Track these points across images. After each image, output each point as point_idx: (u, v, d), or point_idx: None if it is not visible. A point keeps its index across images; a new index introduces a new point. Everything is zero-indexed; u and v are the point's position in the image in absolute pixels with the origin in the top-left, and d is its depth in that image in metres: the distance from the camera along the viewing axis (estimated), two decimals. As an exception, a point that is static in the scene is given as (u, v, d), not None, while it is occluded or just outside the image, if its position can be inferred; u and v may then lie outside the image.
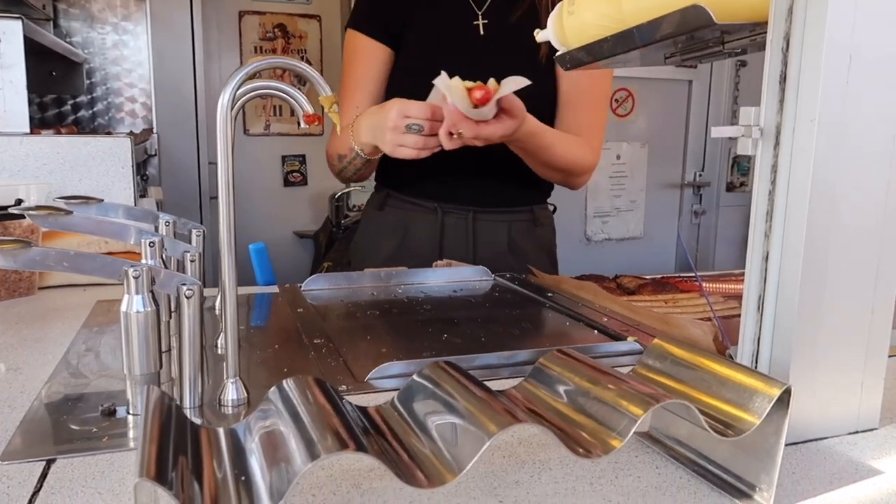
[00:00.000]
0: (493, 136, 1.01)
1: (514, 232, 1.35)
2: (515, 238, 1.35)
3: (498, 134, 1.01)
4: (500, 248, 1.34)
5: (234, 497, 0.34)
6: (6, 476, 0.48)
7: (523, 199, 1.35)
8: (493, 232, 1.34)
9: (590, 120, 1.31)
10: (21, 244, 0.53)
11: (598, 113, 1.34)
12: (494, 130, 1.00)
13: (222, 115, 0.59)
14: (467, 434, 0.39)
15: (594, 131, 1.32)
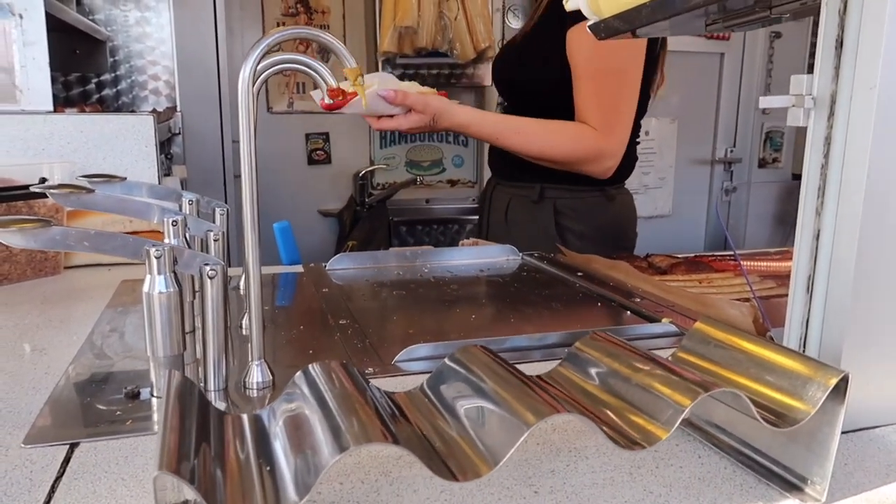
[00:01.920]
0: (394, 128, 1.15)
1: (512, 206, 1.37)
2: (512, 212, 1.37)
3: (403, 127, 1.14)
4: (500, 222, 1.39)
5: (258, 487, 0.32)
6: (29, 460, 0.47)
7: (528, 175, 1.31)
8: (499, 202, 1.40)
9: (593, 99, 1.22)
10: (41, 223, 0.52)
11: (606, 90, 1.23)
12: (396, 124, 1.14)
13: (244, 89, 0.57)
14: (503, 423, 0.37)
15: (602, 111, 1.22)
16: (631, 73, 1.25)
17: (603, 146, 1.23)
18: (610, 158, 1.25)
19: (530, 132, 1.23)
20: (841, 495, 0.44)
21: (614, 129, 1.24)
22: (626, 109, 1.26)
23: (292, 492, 0.31)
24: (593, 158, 1.24)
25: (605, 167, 1.26)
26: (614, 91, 1.24)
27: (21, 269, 0.94)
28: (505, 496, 0.43)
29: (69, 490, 0.43)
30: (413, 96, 1.11)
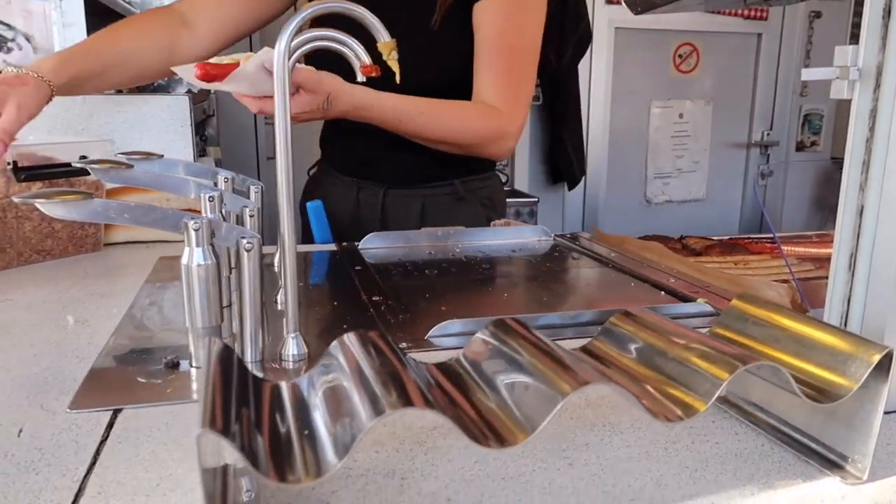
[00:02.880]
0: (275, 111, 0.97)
1: (428, 207, 1.23)
2: (430, 214, 1.23)
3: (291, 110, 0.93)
4: (412, 225, 1.20)
5: (297, 450, 0.32)
6: (75, 424, 0.48)
7: (441, 174, 1.21)
8: (405, 208, 1.23)
9: (502, 77, 1.12)
10: (83, 196, 0.53)
11: (515, 68, 1.13)
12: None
13: (279, 63, 0.57)
14: (539, 393, 0.37)
15: (509, 90, 1.12)
16: (536, 51, 1.17)
17: (507, 127, 1.14)
18: (513, 139, 1.17)
19: (436, 113, 1.09)
20: (884, 474, 0.43)
21: (520, 110, 1.16)
22: (530, 89, 1.20)
23: (332, 455, 0.31)
24: (496, 139, 1.15)
25: (507, 147, 1.18)
26: (523, 68, 1.15)
27: (63, 245, 0.96)
28: (539, 468, 0.43)
29: (113, 453, 0.44)
30: (304, 71, 0.92)
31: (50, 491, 0.40)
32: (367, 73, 0.72)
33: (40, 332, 0.67)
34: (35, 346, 0.63)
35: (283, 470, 0.31)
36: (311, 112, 0.95)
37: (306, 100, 0.93)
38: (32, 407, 0.51)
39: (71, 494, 0.40)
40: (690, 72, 3.16)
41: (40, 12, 1.15)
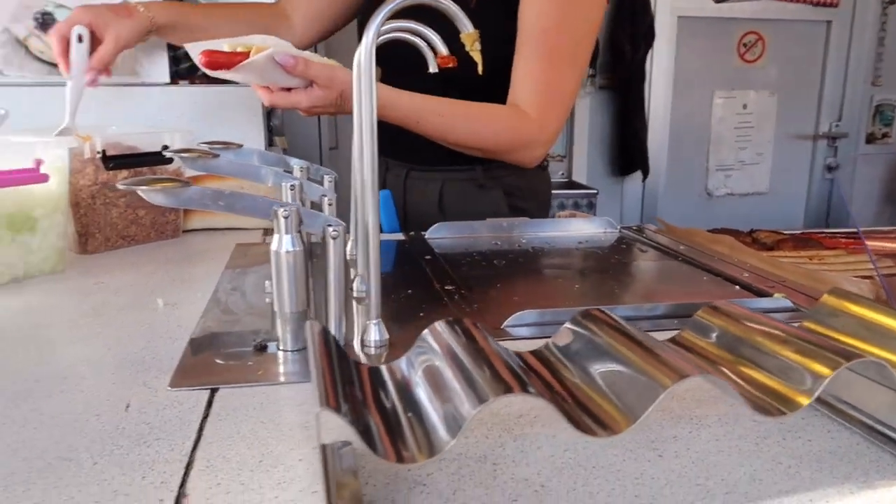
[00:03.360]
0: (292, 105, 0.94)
1: (447, 192, 1.18)
2: (449, 199, 1.18)
3: (303, 104, 0.93)
4: (431, 211, 1.19)
5: (406, 428, 0.33)
6: (177, 401, 0.50)
7: (465, 157, 1.12)
8: (424, 191, 1.20)
9: (539, 78, 1.04)
10: (181, 184, 0.55)
11: (555, 70, 1.04)
12: (294, 99, 0.93)
13: (366, 54, 0.58)
14: (637, 383, 0.37)
15: (545, 94, 1.04)
16: (584, 55, 1.08)
17: (537, 135, 1.06)
18: (542, 147, 1.09)
19: (457, 115, 1.03)
20: None
21: (554, 118, 1.07)
22: (571, 98, 1.10)
23: (444, 433, 0.32)
24: (523, 147, 1.08)
25: (535, 156, 1.11)
26: (564, 73, 1.05)
27: (146, 231, 1.01)
28: (629, 458, 0.43)
29: (216, 429, 0.46)
30: (316, 66, 0.90)
31: (162, 463, 0.42)
32: (444, 63, 0.73)
33: (133, 313, 0.70)
34: (130, 326, 0.66)
35: (398, 449, 0.32)
36: (323, 107, 0.94)
37: (319, 95, 0.92)
38: (136, 384, 0.53)
39: (181, 467, 0.42)
40: (755, 61, 3.07)
41: (122, 7, 1.19)
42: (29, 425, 0.47)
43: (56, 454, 0.43)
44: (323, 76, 0.90)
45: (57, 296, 0.76)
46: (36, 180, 0.79)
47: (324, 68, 0.91)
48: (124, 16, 0.97)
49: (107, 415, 0.48)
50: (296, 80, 0.91)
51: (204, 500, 0.39)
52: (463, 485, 0.40)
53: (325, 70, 0.91)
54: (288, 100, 0.93)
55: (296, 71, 0.88)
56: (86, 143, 0.91)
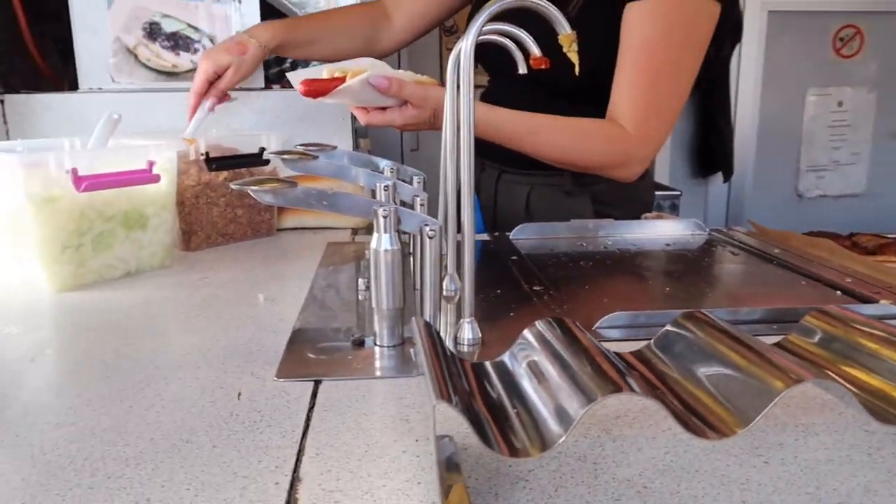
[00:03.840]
0: (387, 124, 0.97)
1: (534, 197, 1.18)
2: (536, 204, 1.18)
3: (397, 123, 0.97)
4: (518, 214, 1.19)
5: (516, 421, 0.34)
6: (284, 391, 0.53)
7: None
8: (513, 194, 1.21)
9: (640, 95, 1.00)
10: (288, 184, 0.58)
11: (658, 86, 1.01)
12: (388, 118, 0.97)
13: (465, 56, 0.59)
14: (748, 387, 0.36)
15: (645, 111, 1.01)
16: (690, 70, 1.03)
17: (634, 152, 1.03)
18: (640, 164, 1.07)
19: (551, 132, 1.01)
20: None
21: (654, 135, 1.04)
22: (674, 114, 1.06)
23: (555, 426, 0.33)
24: (620, 165, 1.06)
25: (632, 173, 1.08)
26: (667, 88, 1.02)
27: (243, 229, 1.05)
28: (733, 463, 0.43)
29: (322, 419, 0.49)
30: (410, 86, 0.93)
31: (275, 449, 0.45)
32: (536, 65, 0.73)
33: (237, 307, 0.74)
34: (235, 319, 0.70)
35: (510, 443, 0.32)
36: (416, 124, 0.98)
37: (412, 113, 0.95)
38: (245, 374, 0.56)
39: (293, 453, 0.44)
40: (852, 56, 2.91)
41: (222, 15, 1.25)
42: (153, 409, 0.50)
43: (179, 437, 0.46)
44: (416, 96, 0.94)
45: (167, 289, 0.81)
46: (149, 181, 0.85)
47: (417, 88, 0.94)
48: (240, 53, 1.07)
49: (221, 401, 0.52)
50: (390, 100, 0.95)
51: (316, 486, 0.41)
52: (564, 482, 0.41)
53: (419, 90, 0.94)
54: (383, 118, 0.97)
55: (390, 92, 0.92)
56: (191, 145, 0.97)
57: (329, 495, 0.39)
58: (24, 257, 0.82)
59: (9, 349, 0.63)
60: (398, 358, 0.60)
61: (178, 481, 0.41)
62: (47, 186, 0.77)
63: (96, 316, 0.72)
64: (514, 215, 1.20)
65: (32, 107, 1.23)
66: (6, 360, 0.60)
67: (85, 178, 0.79)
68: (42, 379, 0.56)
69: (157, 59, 1.26)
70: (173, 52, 1.26)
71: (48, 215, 0.78)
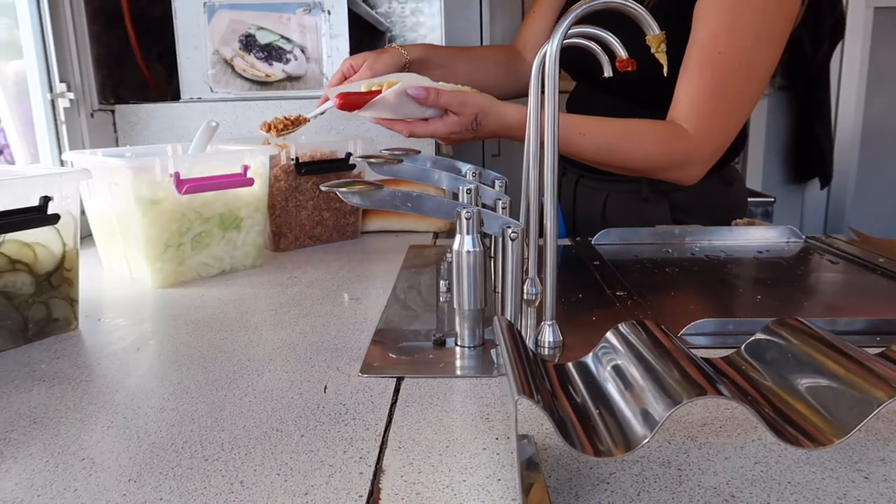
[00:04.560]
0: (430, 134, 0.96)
1: (612, 204, 1.16)
2: (613, 211, 1.16)
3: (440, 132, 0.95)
4: (595, 219, 1.16)
5: (599, 422, 0.34)
6: (368, 387, 0.55)
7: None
8: (591, 200, 1.19)
9: (702, 94, 0.95)
10: (375, 187, 0.60)
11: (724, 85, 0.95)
12: (432, 129, 0.94)
13: (552, 59, 0.59)
14: (845, 396, 0.35)
15: (707, 111, 0.95)
16: (762, 68, 0.96)
17: (693, 154, 0.98)
18: (699, 167, 1.00)
19: (602, 134, 0.97)
20: None
21: (716, 137, 0.98)
22: (742, 113, 1.00)
23: (640, 428, 0.32)
24: (677, 167, 0.99)
25: (691, 175, 1.01)
26: (734, 87, 0.95)
27: (329, 232, 1.09)
28: (830, 477, 0.41)
29: (404, 414, 0.50)
30: (447, 94, 0.92)
31: (359, 441, 0.46)
32: (623, 67, 0.72)
33: (324, 305, 0.76)
34: (322, 317, 0.72)
35: (593, 443, 0.32)
36: (461, 132, 0.95)
37: (454, 121, 0.93)
38: (331, 369, 0.58)
39: (376, 445, 0.45)
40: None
41: (312, 26, 1.30)
42: (245, 398, 0.53)
43: (270, 425, 0.49)
44: (455, 102, 0.92)
45: (258, 287, 0.85)
46: (244, 184, 0.89)
47: (455, 94, 0.93)
48: (381, 53, 1.10)
49: (308, 394, 0.54)
50: (430, 111, 0.94)
51: (399, 478, 0.42)
52: (647, 487, 0.40)
53: (457, 96, 0.93)
54: (426, 129, 0.95)
55: (427, 102, 0.91)
56: (282, 150, 1.01)
57: (410, 487, 0.40)
58: (131, 255, 0.88)
59: (117, 339, 0.67)
60: (479, 358, 0.60)
61: (269, 466, 0.43)
62: (153, 189, 0.83)
63: (194, 311, 0.76)
64: (592, 221, 1.19)
65: (139, 116, 1.31)
66: (115, 349, 0.65)
67: (186, 181, 0.84)
68: (146, 367, 0.60)
69: (252, 70, 1.32)
70: (267, 62, 1.32)
71: (153, 216, 0.83)
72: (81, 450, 0.46)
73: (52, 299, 0.68)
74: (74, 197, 0.70)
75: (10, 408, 0.52)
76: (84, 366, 0.61)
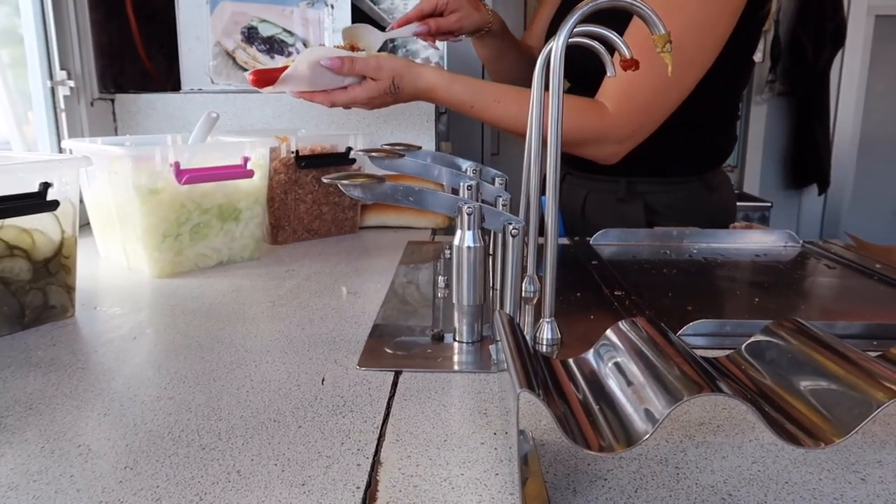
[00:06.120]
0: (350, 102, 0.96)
1: (590, 201, 1.15)
2: (591, 209, 1.15)
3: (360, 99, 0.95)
4: (576, 216, 1.16)
5: (600, 417, 0.34)
6: (366, 380, 0.54)
7: (610, 168, 1.04)
8: (572, 197, 1.18)
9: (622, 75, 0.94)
10: (377, 180, 0.60)
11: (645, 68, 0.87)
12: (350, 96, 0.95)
13: (557, 56, 0.59)
14: (845, 397, 0.35)
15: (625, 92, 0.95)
16: (691, 51, 0.93)
17: (609, 132, 0.97)
18: (614, 143, 0.99)
19: (515, 102, 0.96)
20: None
21: (635, 117, 0.96)
22: (664, 97, 0.97)
23: (641, 424, 0.32)
24: (592, 142, 0.98)
25: (607, 152, 1.00)
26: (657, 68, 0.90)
27: (327, 226, 1.09)
28: (826, 478, 0.41)
29: (402, 407, 0.50)
30: (361, 61, 0.93)
31: (357, 433, 0.46)
32: (627, 67, 0.72)
33: (321, 298, 0.76)
34: (320, 310, 0.72)
35: (595, 438, 0.32)
36: (381, 97, 0.96)
37: (372, 86, 0.94)
38: (328, 361, 0.58)
39: (374, 437, 0.45)
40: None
41: (315, 19, 1.30)
42: (243, 389, 0.53)
43: (267, 416, 0.48)
44: (371, 67, 0.93)
45: (256, 279, 0.85)
46: (243, 175, 0.89)
47: (369, 60, 0.94)
48: (475, 8, 1.09)
49: (306, 385, 0.53)
50: (347, 80, 0.95)
51: (396, 470, 0.41)
52: (645, 484, 0.40)
53: (371, 61, 0.94)
54: (345, 97, 0.96)
55: (343, 70, 0.92)
56: (283, 143, 1.01)
57: (408, 480, 0.40)
58: (128, 245, 0.87)
59: (114, 328, 0.67)
60: (477, 354, 0.60)
61: (266, 456, 0.43)
62: (152, 179, 0.82)
63: (191, 301, 0.76)
64: (573, 218, 1.19)
65: (139, 106, 1.31)
66: (112, 337, 0.65)
67: (186, 171, 0.83)
68: (143, 356, 0.60)
69: (254, 62, 1.31)
70: (269, 55, 1.31)
71: (152, 206, 0.83)
72: (77, 436, 0.46)
73: (49, 286, 0.68)
74: (74, 184, 0.69)
75: (7, 393, 0.52)
76: (80, 353, 0.61)
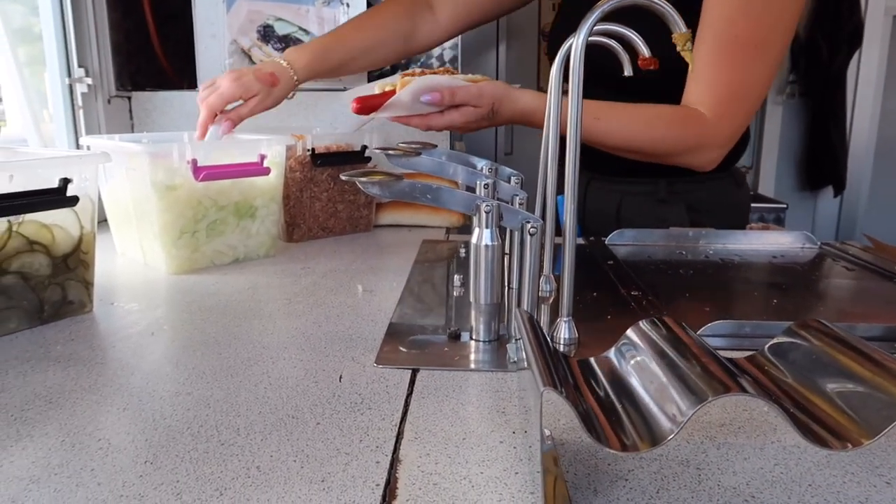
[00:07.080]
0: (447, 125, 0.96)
1: (626, 206, 1.13)
2: (625, 212, 1.13)
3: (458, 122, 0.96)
4: (608, 221, 1.14)
5: (623, 416, 0.34)
6: (384, 378, 0.54)
7: (644, 168, 1.04)
8: (602, 201, 1.16)
9: (717, 76, 0.93)
10: (395, 178, 0.60)
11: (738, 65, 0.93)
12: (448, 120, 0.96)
13: (577, 54, 0.59)
14: (871, 399, 0.34)
15: (724, 93, 0.93)
16: (776, 48, 0.94)
17: (710, 138, 0.96)
18: (716, 150, 0.98)
19: (616, 118, 0.95)
20: None
21: (733, 118, 0.95)
22: (757, 97, 0.97)
23: (665, 423, 0.32)
24: (693, 151, 0.97)
25: (707, 159, 0.99)
26: (748, 66, 0.93)
27: (342, 224, 1.09)
28: (850, 480, 0.40)
29: (420, 405, 0.50)
30: (462, 91, 0.93)
31: (375, 430, 0.46)
32: (646, 65, 0.72)
33: (338, 296, 0.76)
34: (336, 307, 0.72)
35: (619, 437, 0.32)
36: (477, 122, 0.96)
37: (471, 112, 0.95)
38: (345, 358, 0.58)
39: (393, 435, 0.45)
40: None
41: (331, 18, 1.30)
42: (261, 385, 0.53)
43: (285, 412, 0.48)
44: (472, 96, 0.93)
45: (271, 276, 0.85)
46: (260, 173, 0.89)
47: (470, 88, 0.93)
48: (270, 84, 1.01)
49: (323, 382, 0.53)
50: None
51: (416, 468, 0.41)
52: (667, 485, 0.40)
53: (473, 89, 0.93)
54: (442, 121, 0.96)
55: (443, 104, 0.93)
56: (299, 141, 1.01)
57: (428, 477, 0.40)
58: (145, 241, 0.88)
59: (131, 323, 0.67)
60: (494, 352, 0.60)
61: (285, 452, 0.43)
62: (170, 175, 0.83)
63: (208, 297, 0.76)
64: (604, 224, 1.16)
65: (156, 103, 1.31)
66: (129, 333, 0.65)
67: (203, 168, 0.84)
68: (161, 352, 0.60)
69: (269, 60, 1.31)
70: (284, 53, 1.32)
71: (169, 202, 0.83)
72: (97, 430, 0.46)
73: (67, 281, 0.68)
74: (93, 180, 0.70)
75: (27, 387, 0.53)
76: (99, 348, 0.61)
